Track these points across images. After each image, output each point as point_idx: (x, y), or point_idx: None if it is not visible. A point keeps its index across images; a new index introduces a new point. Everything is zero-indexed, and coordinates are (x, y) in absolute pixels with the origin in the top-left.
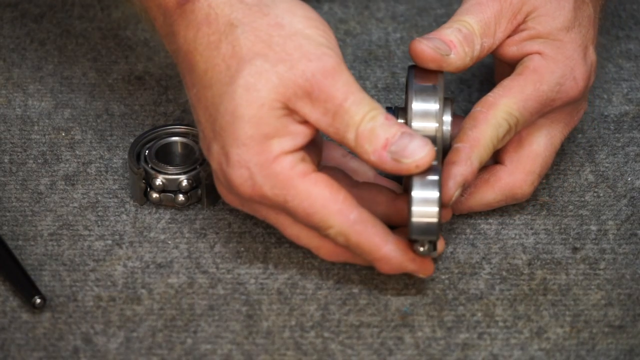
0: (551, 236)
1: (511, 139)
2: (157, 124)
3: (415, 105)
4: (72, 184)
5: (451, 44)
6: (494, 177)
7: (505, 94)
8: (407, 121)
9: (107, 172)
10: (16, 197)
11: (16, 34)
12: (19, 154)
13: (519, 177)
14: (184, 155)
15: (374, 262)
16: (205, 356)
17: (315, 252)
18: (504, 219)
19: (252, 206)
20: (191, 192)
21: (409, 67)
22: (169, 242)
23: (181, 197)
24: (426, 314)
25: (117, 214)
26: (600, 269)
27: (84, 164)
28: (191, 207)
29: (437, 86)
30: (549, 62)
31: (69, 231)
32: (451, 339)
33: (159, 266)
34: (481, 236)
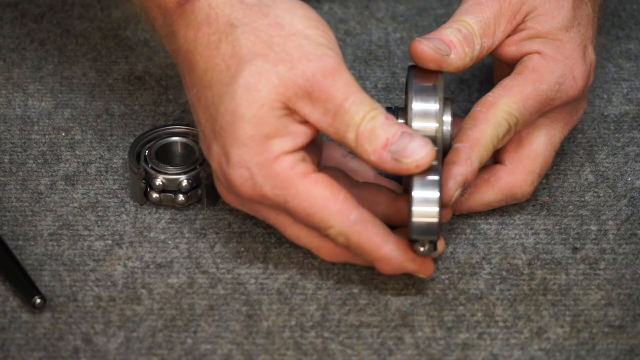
0: (551, 236)
1: (511, 139)
2: (157, 124)
3: (415, 105)
4: (72, 184)
5: (451, 44)
6: (494, 176)
7: (505, 93)
8: (407, 121)
9: (107, 172)
10: (16, 197)
11: (16, 34)
12: (19, 154)
13: (519, 177)
14: (184, 155)
15: (374, 262)
16: (205, 356)
17: (315, 252)
18: (504, 219)
19: (252, 206)
20: (191, 192)
21: (409, 67)
22: (169, 242)
23: (181, 197)
24: (426, 314)
25: (117, 214)
26: (600, 269)
27: (84, 164)
28: (191, 207)
29: (437, 86)
30: (549, 62)
31: (69, 231)
32: (451, 339)
33: (159, 266)
34: (481, 236)
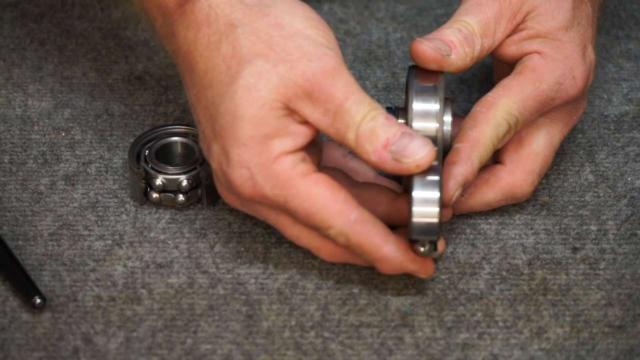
0: (551, 236)
1: (511, 139)
2: (157, 124)
3: (416, 105)
4: (72, 184)
5: (452, 44)
6: (494, 176)
7: (504, 93)
8: (407, 121)
9: (107, 172)
10: (16, 197)
11: (16, 34)
12: (19, 154)
13: (519, 177)
14: (184, 155)
15: (375, 262)
16: (205, 356)
17: (315, 252)
18: (504, 219)
19: (252, 206)
20: (191, 192)
21: (410, 67)
22: (169, 242)
23: (181, 197)
24: (426, 314)
25: (117, 214)
26: (600, 269)
27: (84, 164)
28: (191, 207)
29: (437, 86)
30: (548, 62)
31: (69, 231)
32: (451, 339)
33: (159, 266)
34: (481, 236)
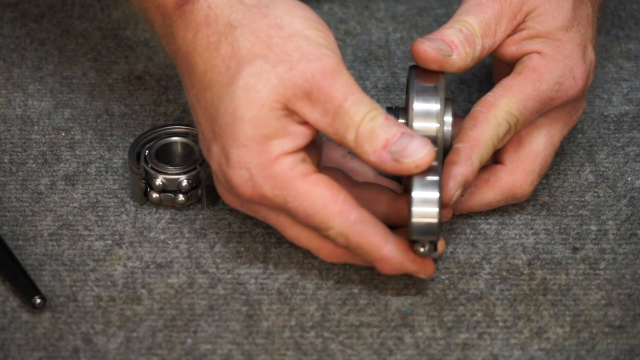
0: (551, 236)
1: (511, 139)
2: (157, 124)
3: (416, 105)
4: (72, 184)
5: (452, 44)
6: (494, 176)
7: (505, 93)
8: (408, 121)
9: (107, 172)
10: (16, 197)
11: (16, 34)
12: (19, 154)
13: (519, 177)
14: (184, 155)
15: (375, 263)
16: (205, 356)
17: (315, 253)
18: (504, 219)
19: (252, 207)
20: (191, 192)
21: (410, 68)
22: (169, 242)
23: (181, 197)
24: (426, 314)
25: (117, 214)
26: (600, 269)
27: (84, 164)
28: (191, 207)
29: (438, 87)
30: (549, 62)
31: (69, 231)
32: (451, 339)
33: (159, 266)
34: (481, 236)
